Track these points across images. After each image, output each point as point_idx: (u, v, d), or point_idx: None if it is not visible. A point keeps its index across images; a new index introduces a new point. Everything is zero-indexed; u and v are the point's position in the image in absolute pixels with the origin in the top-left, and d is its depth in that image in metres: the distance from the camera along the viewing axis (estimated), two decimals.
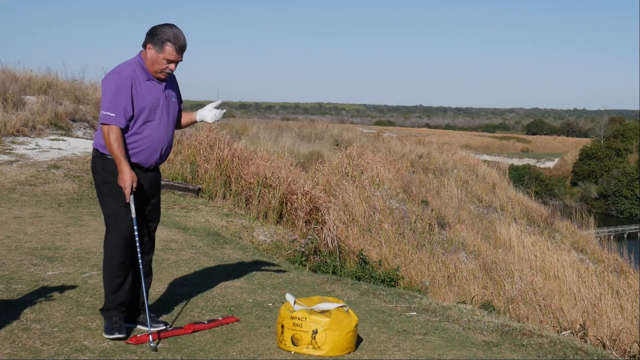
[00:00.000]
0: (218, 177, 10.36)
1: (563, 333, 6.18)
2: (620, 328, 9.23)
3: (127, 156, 3.86)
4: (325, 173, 15.70)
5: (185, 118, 4.31)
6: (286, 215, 10.23)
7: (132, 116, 3.86)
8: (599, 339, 6.86)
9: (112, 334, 3.93)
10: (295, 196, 10.29)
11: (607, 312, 11.84)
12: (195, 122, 4.33)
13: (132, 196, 3.84)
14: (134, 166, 3.91)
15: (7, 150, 11.12)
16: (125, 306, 4.03)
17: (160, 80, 3.99)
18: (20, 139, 11.96)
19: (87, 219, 7.79)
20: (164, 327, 4.13)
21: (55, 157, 11.00)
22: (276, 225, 9.78)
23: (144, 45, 3.95)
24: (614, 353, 6.00)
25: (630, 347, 6.71)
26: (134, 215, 3.88)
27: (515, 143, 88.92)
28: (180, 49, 3.92)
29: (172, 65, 3.94)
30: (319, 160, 17.05)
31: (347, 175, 16.41)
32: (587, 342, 5.81)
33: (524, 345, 4.43)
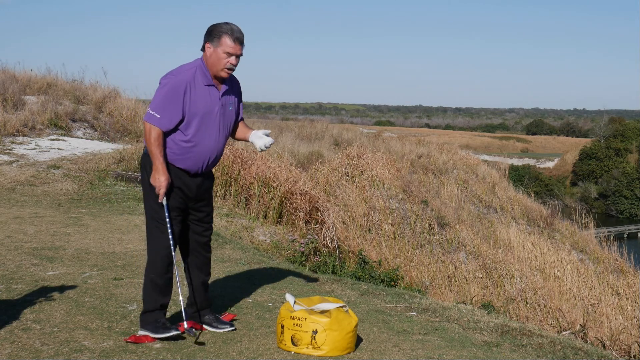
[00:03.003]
0: (218, 177, 10.36)
1: (563, 333, 6.18)
2: (620, 328, 9.22)
3: (166, 159, 3.86)
4: (325, 173, 15.68)
5: (240, 132, 4.20)
6: (286, 215, 10.22)
7: (182, 120, 3.82)
8: (599, 339, 6.85)
9: (167, 332, 3.92)
10: (295, 196, 10.29)
11: (607, 313, 11.81)
12: (247, 141, 4.22)
13: (165, 198, 3.86)
14: (181, 171, 3.92)
15: (7, 150, 11.12)
16: (166, 308, 4.07)
17: (222, 81, 3.92)
18: (20, 139, 11.97)
19: (87, 219, 7.79)
20: (230, 329, 4.24)
21: (55, 157, 11.00)
22: (276, 225, 9.78)
23: (203, 47, 3.89)
24: (614, 353, 5.99)
25: (630, 347, 6.71)
26: (167, 216, 3.88)
27: (515, 143, 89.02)
28: (238, 40, 3.84)
29: (232, 59, 3.85)
30: (318, 160, 17.04)
31: (347, 175, 16.39)
32: (587, 342, 5.81)
33: (524, 345, 4.43)
